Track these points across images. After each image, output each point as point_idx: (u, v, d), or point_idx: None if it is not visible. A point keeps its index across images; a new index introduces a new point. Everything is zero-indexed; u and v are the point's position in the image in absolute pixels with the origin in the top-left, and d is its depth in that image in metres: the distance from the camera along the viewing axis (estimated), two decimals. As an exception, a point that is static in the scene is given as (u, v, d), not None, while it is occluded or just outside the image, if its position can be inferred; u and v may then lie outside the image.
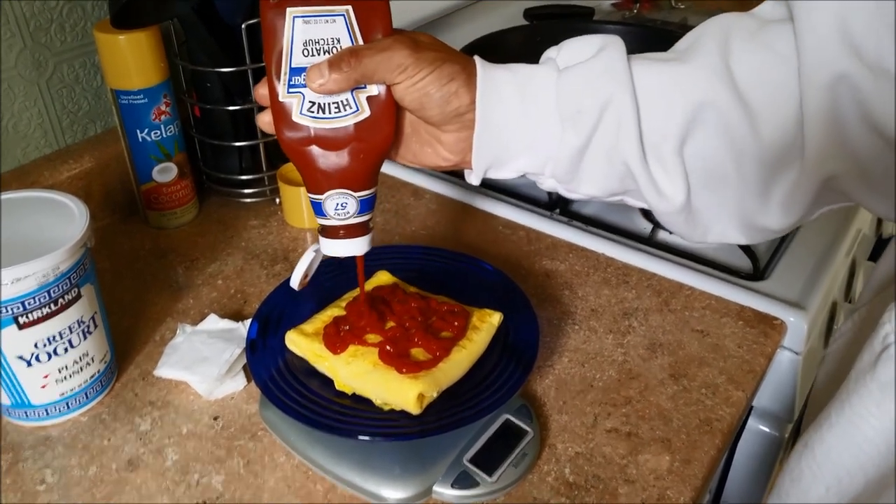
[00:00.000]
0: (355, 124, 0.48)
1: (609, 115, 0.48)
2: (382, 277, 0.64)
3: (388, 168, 0.92)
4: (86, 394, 0.60)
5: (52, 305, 0.54)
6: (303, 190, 0.79)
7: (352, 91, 0.47)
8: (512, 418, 0.58)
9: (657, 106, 0.48)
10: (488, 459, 0.55)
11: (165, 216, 0.80)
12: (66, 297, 0.55)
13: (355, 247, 0.51)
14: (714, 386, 0.64)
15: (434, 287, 0.64)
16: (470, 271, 0.68)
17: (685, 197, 0.49)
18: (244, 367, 0.63)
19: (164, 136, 0.76)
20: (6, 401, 0.58)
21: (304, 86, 0.47)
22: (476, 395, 0.55)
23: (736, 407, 0.62)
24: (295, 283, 0.55)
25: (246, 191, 0.85)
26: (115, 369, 0.63)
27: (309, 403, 0.54)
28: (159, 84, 0.74)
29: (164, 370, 0.62)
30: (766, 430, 0.75)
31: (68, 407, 0.59)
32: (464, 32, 1.01)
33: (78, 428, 0.59)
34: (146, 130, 0.75)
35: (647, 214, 0.85)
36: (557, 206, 0.85)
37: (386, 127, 0.49)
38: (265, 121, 0.49)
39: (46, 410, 0.58)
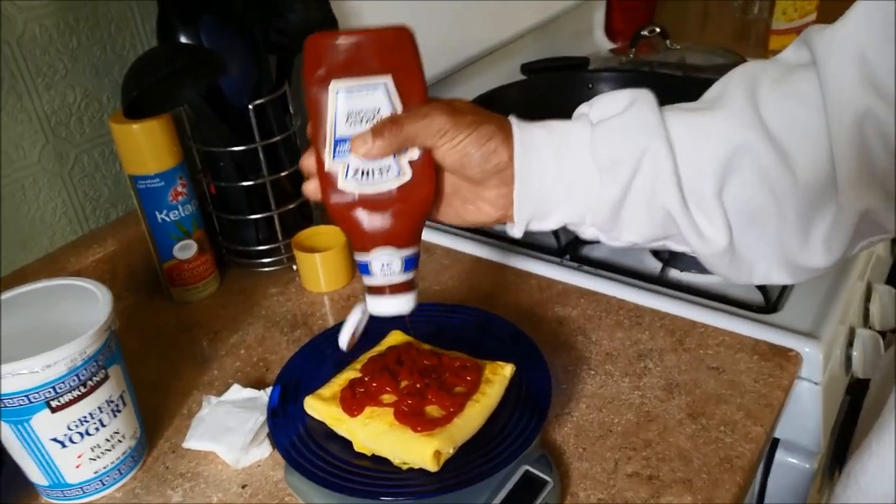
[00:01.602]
0: (398, 187, 0.50)
1: (646, 164, 0.49)
2: (396, 337, 0.66)
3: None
4: (119, 470, 0.62)
5: (81, 388, 0.57)
6: (318, 256, 0.82)
7: (394, 156, 0.50)
8: (531, 469, 0.58)
9: (693, 152, 0.49)
10: (511, 511, 0.55)
11: (188, 291, 0.83)
12: (94, 378, 0.58)
13: (401, 304, 0.52)
14: (732, 423, 0.64)
15: (447, 342, 0.66)
16: (480, 324, 0.70)
17: (728, 240, 0.50)
18: (268, 435, 0.64)
19: (182, 215, 0.80)
20: (43, 481, 0.60)
21: (349, 153, 0.50)
22: (493, 447, 0.57)
23: (755, 442, 0.62)
24: (343, 343, 0.56)
25: (264, 260, 0.88)
26: (145, 444, 0.65)
27: (330, 467, 0.55)
28: (174, 167, 0.78)
29: (193, 442, 0.64)
30: (795, 462, 0.75)
31: (103, 484, 0.61)
32: (466, 90, 1.05)
33: (113, 504, 0.61)
34: (164, 211, 0.79)
35: (657, 254, 0.86)
36: (567, 252, 0.87)
37: (427, 187, 0.51)
38: (311, 189, 0.52)
39: (82, 489, 0.60)
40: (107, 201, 0.84)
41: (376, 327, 0.68)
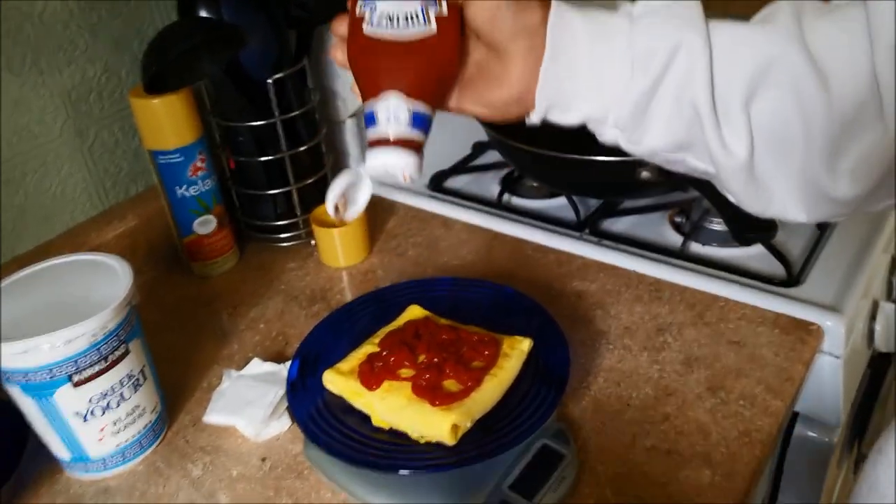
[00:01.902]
0: (421, 39, 0.48)
1: (681, 56, 0.48)
2: (414, 312, 0.66)
3: (415, 200, 0.94)
4: (140, 443, 0.63)
5: (102, 362, 0.58)
6: (336, 231, 0.82)
7: (422, 7, 0.48)
8: (549, 442, 0.58)
9: (729, 54, 0.48)
10: (528, 485, 0.55)
11: (208, 266, 0.84)
12: (115, 353, 0.58)
13: (401, 159, 0.48)
14: (752, 397, 0.63)
15: (465, 317, 0.66)
16: (498, 298, 0.69)
17: (748, 153, 0.49)
18: (287, 408, 0.65)
19: (202, 190, 0.80)
20: (66, 455, 0.61)
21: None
22: (510, 421, 0.57)
23: (775, 416, 0.62)
24: (329, 208, 0.53)
25: (282, 235, 0.88)
26: (166, 418, 0.66)
27: (348, 440, 0.56)
28: (194, 142, 0.78)
29: (213, 416, 0.65)
30: (815, 436, 0.74)
31: (124, 457, 0.62)
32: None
33: (135, 477, 0.62)
34: (185, 186, 0.79)
35: (677, 227, 0.86)
36: (586, 225, 0.86)
37: (450, 46, 0.49)
38: (338, 57, 0.51)
39: (104, 462, 0.62)
40: (126, 176, 0.85)
41: (395, 303, 0.69)
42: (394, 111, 0.48)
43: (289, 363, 0.66)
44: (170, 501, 0.59)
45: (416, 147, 0.49)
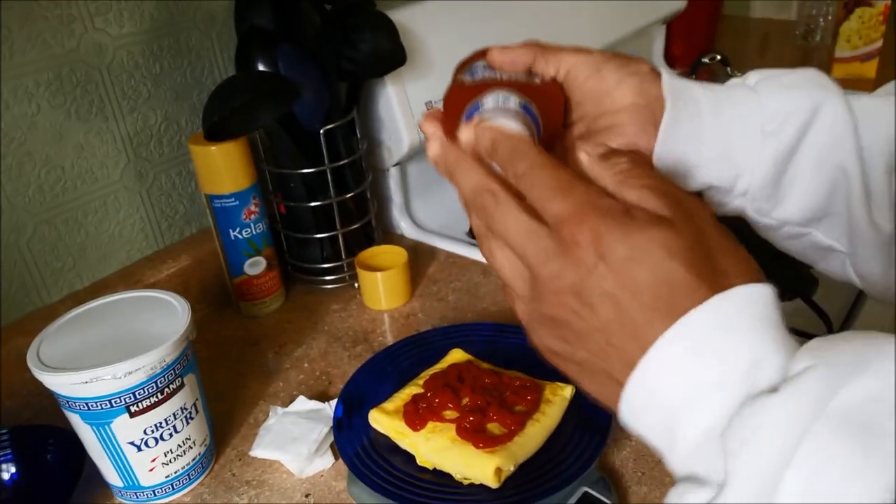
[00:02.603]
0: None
1: (823, 117, 0.43)
2: (456, 355, 0.68)
3: (455, 247, 0.97)
4: (189, 475, 0.65)
5: (159, 395, 0.60)
6: (380, 275, 0.85)
7: (524, 105, 0.43)
8: (590, 491, 0.59)
9: (871, 120, 0.43)
10: (568, 531, 0.56)
11: (256, 305, 0.87)
12: (171, 386, 0.61)
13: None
14: (793, 451, 0.63)
15: (506, 362, 0.67)
16: (541, 346, 0.71)
17: (892, 227, 0.44)
18: (332, 446, 0.66)
19: (254, 233, 0.83)
20: (119, 483, 0.63)
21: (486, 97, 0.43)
22: (553, 467, 0.58)
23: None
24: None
25: (328, 277, 0.91)
26: (214, 451, 0.68)
27: (393, 479, 0.57)
28: (249, 188, 0.81)
29: (259, 451, 0.66)
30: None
31: (173, 488, 0.64)
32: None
33: (182, 508, 0.64)
34: (238, 229, 0.82)
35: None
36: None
37: (555, 123, 0.46)
38: (434, 149, 0.45)
39: (154, 492, 0.63)
40: (181, 219, 0.89)
41: (437, 346, 0.70)
42: (503, 98, 0.44)
43: (334, 401, 0.68)
44: (216, 534, 0.61)
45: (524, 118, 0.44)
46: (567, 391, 0.62)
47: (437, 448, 0.58)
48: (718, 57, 1.33)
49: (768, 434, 0.28)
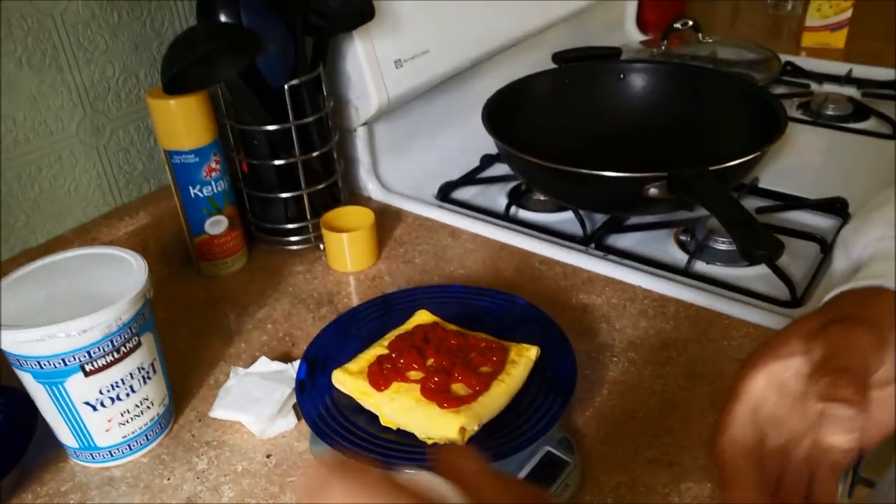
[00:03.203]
0: None
1: None
2: (423, 317, 0.67)
3: (423, 209, 0.96)
4: (146, 436, 0.63)
5: (115, 353, 0.58)
6: (345, 236, 0.83)
7: None
8: (553, 450, 0.59)
9: None
10: (531, 490, 0.56)
11: (217, 266, 0.85)
12: (127, 345, 0.59)
13: None
14: (755, 413, 0.64)
15: (472, 324, 0.66)
16: (507, 307, 0.70)
17: None
18: (294, 407, 0.65)
19: (215, 191, 0.81)
20: (74, 443, 0.61)
21: None
22: (517, 427, 0.57)
23: (777, 433, 0.62)
24: None
25: (292, 238, 0.89)
26: (173, 412, 0.67)
27: (356, 439, 0.56)
28: (209, 144, 0.79)
29: (219, 411, 0.65)
30: (814, 457, 0.75)
31: (130, 448, 0.63)
32: (493, 79, 1.05)
33: (139, 468, 0.62)
34: (198, 187, 0.80)
35: (682, 245, 0.87)
36: (592, 240, 0.87)
37: None
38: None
39: (111, 452, 0.62)
40: (140, 175, 0.86)
41: (403, 308, 0.69)
42: None
43: (297, 362, 0.67)
44: (174, 492, 0.60)
45: None
46: (532, 352, 0.62)
47: (402, 408, 0.57)
48: (690, 22, 1.32)
49: None
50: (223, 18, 0.77)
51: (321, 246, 0.88)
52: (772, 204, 0.93)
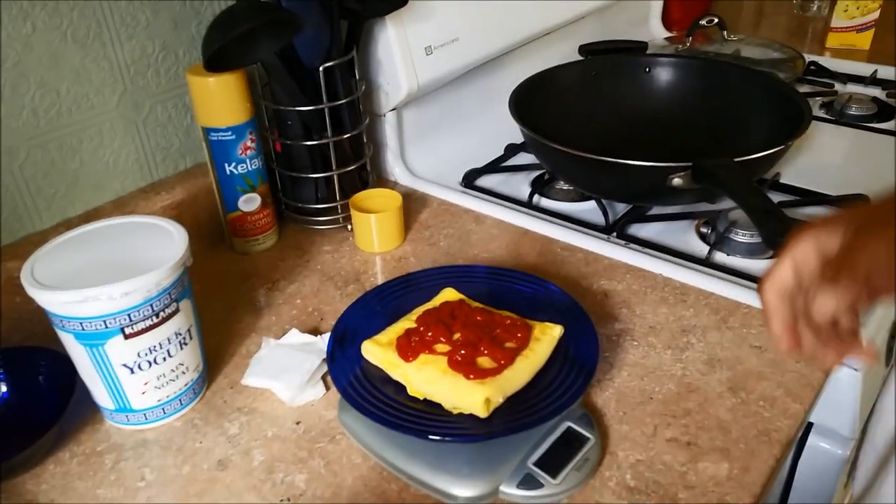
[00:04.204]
0: None
1: None
2: (449, 294, 0.68)
3: (448, 195, 0.97)
4: (180, 400, 0.65)
5: (153, 318, 0.60)
6: (373, 217, 0.85)
7: None
8: (574, 426, 0.60)
9: None
10: (552, 463, 0.57)
11: (249, 242, 0.87)
12: (166, 310, 0.61)
13: None
14: (772, 399, 0.65)
15: (497, 303, 0.68)
16: (531, 289, 0.72)
17: None
18: (323, 377, 0.68)
19: (250, 169, 0.83)
20: (111, 405, 0.63)
21: None
22: (539, 401, 0.59)
23: (794, 419, 0.64)
24: None
25: (321, 218, 0.91)
26: (206, 379, 0.69)
27: (384, 406, 0.58)
28: (245, 122, 0.81)
29: (251, 379, 0.67)
30: (828, 447, 0.76)
31: (164, 412, 0.65)
32: (520, 69, 1.07)
33: (173, 431, 0.65)
34: (233, 164, 0.82)
35: (703, 237, 0.88)
36: (614, 229, 0.88)
37: None
38: None
39: (145, 415, 0.64)
40: (177, 151, 0.88)
41: (429, 286, 0.71)
42: None
43: (326, 335, 0.69)
44: (206, 455, 0.62)
45: None
46: (556, 331, 0.63)
47: (429, 379, 0.59)
48: (715, 20, 1.33)
49: None
50: None
51: (349, 227, 0.90)
52: (793, 199, 0.94)
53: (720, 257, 0.84)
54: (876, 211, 0.49)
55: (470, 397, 0.57)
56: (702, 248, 0.86)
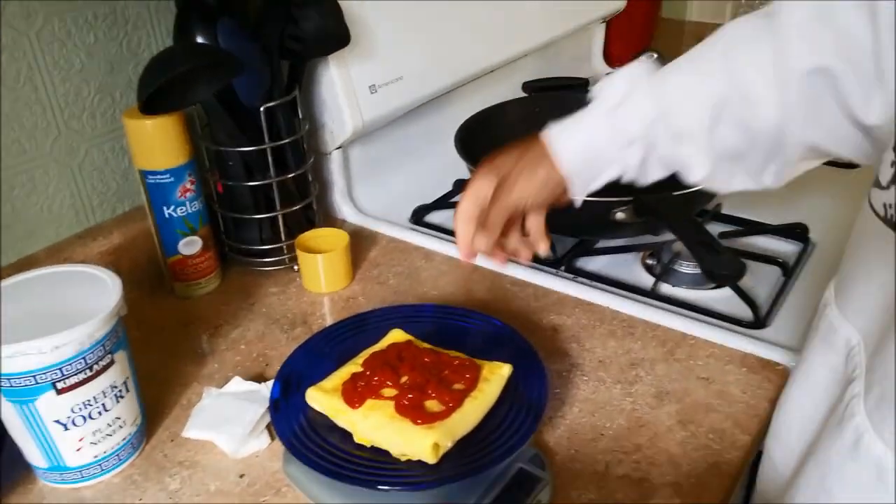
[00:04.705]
0: None
1: (653, 133, 0.61)
2: (396, 335, 0.67)
3: (397, 232, 0.97)
4: (118, 456, 0.63)
5: (87, 371, 0.58)
6: (320, 257, 0.84)
7: None
8: (525, 467, 0.60)
9: (685, 108, 0.60)
10: (504, 507, 0.57)
11: (191, 286, 0.85)
12: (100, 363, 0.59)
13: None
14: (720, 431, 0.66)
15: (446, 343, 0.68)
16: (479, 327, 0.71)
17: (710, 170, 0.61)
18: (268, 427, 0.66)
19: (189, 211, 0.81)
20: (43, 464, 0.60)
21: None
22: (489, 443, 0.58)
23: (742, 451, 0.64)
24: None
25: (266, 259, 0.90)
26: (145, 432, 0.66)
27: (330, 456, 0.57)
28: (184, 164, 0.79)
29: (192, 431, 0.65)
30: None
31: (101, 469, 0.62)
32: (466, 106, 1.07)
33: (111, 489, 0.62)
34: (172, 207, 0.80)
35: (649, 269, 0.89)
36: (562, 263, 0.89)
37: None
38: None
39: (81, 473, 0.61)
40: (114, 195, 0.86)
41: (377, 327, 0.70)
42: None
43: (270, 382, 0.67)
44: (146, 514, 0.59)
45: None
46: (505, 370, 0.63)
47: (376, 425, 0.58)
48: (655, 55, 1.36)
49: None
50: (200, 40, 0.78)
51: (295, 267, 0.88)
52: (735, 229, 0.96)
53: (666, 289, 0.85)
54: (524, 154, 0.64)
55: (418, 443, 0.55)
56: (648, 280, 0.86)
